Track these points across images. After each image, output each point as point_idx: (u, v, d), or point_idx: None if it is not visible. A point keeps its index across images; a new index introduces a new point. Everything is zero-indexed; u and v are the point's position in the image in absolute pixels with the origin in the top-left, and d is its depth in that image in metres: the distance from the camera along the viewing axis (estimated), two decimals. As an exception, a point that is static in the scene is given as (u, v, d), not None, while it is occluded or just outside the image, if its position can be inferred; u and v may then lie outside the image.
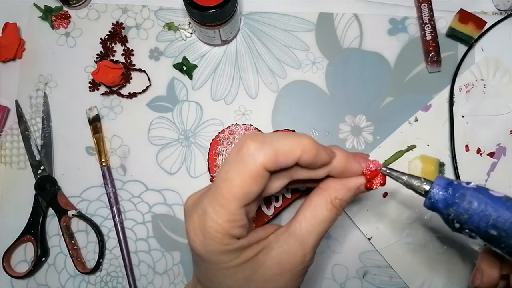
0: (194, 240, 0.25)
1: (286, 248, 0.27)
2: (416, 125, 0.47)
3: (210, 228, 0.24)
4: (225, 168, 0.25)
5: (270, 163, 0.24)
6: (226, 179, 0.24)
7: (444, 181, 0.27)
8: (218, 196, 0.24)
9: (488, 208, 0.25)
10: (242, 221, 0.25)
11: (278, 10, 0.50)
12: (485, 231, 0.25)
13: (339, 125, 0.47)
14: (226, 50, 0.49)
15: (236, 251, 0.26)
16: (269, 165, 0.24)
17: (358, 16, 0.50)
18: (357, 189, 0.29)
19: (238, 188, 0.24)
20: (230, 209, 0.24)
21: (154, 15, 0.50)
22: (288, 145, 0.24)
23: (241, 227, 0.25)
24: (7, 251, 0.45)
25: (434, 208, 0.27)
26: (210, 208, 0.24)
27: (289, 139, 0.24)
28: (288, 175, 0.27)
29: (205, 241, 0.25)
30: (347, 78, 0.48)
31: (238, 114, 0.48)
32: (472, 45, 0.48)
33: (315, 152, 0.25)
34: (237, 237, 0.25)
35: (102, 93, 0.49)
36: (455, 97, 0.47)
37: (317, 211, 0.28)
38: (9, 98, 0.49)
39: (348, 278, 0.44)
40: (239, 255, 0.26)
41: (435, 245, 0.44)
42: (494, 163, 0.46)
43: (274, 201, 0.41)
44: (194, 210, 0.26)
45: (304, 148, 0.24)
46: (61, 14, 0.50)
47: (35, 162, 0.47)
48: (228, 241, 0.25)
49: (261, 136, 0.24)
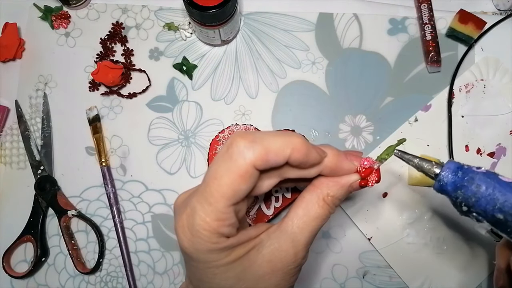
0: (183, 239, 0.25)
1: (278, 246, 0.27)
2: (416, 125, 0.47)
3: (198, 226, 0.24)
4: (214, 166, 0.24)
5: (259, 161, 0.23)
6: (215, 177, 0.24)
7: (455, 164, 0.27)
8: (206, 195, 0.24)
9: (496, 192, 0.25)
10: (231, 220, 0.25)
11: (278, 10, 0.50)
12: (491, 215, 0.26)
13: (339, 125, 0.47)
14: (226, 50, 0.49)
15: (225, 250, 0.25)
16: (258, 163, 0.23)
17: (358, 16, 0.50)
18: (350, 186, 0.29)
19: (227, 186, 0.23)
20: (219, 207, 0.24)
21: (154, 15, 0.50)
22: (278, 144, 0.24)
23: (230, 226, 0.25)
24: (7, 251, 0.45)
25: (443, 190, 0.27)
26: (198, 206, 0.24)
27: (280, 138, 0.24)
28: (279, 174, 0.27)
29: (194, 240, 0.25)
30: (347, 78, 0.48)
31: (238, 114, 0.48)
32: (471, 45, 0.48)
33: (305, 151, 0.25)
34: (226, 236, 0.25)
35: (102, 93, 0.49)
36: (455, 97, 0.47)
37: (309, 208, 0.28)
38: (9, 98, 0.49)
39: (348, 278, 0.44)
40: (228, 254, 0.26)
41: (435, 245, 0.44)
42: (494, 163, 0.46)
43: (274, 201, 0.41)
44: (183, 208, 0.26)
45: (294, 147, 0.24)
46: (61, 14, 0.50)
47: (35, 162, 0.47)
48: (216, 239, 0.24)
49: (252, 134, 0.24)
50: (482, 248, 0.44)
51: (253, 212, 0.40)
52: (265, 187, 0.27)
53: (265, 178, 0.27)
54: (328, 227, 0.45)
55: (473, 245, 0.44)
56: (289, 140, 0.24)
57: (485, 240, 0.44)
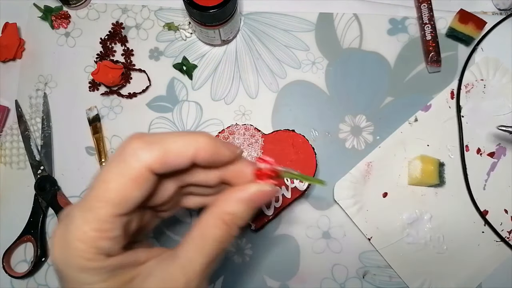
0: (54, 251, 0.21)
1: (167, 275, 0.22)
2: (416, 125, 0.46)
3: (72, 235, 0.20)
4: (103, 170, 0.21)
5: (157, 164, 0.21)
6: (103, 181, 0.21)
7: None
8: (90, 199, 0.21)
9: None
10: (113, 232, 0.21)
11: (278, 10, 0.50)
12: None
13: (339, 125, 0.47)
14: (226, 50, 0.49)
15: (102, 272, 0.21)
16: (156, 166, 0.21)
17: (358, 16, 0.50)
18: (250, 201, 0.24)
19: (115, 191, 0.21)
20: (101, 214, 0.20)
21: (154, 15, 0.50)
22: (179, 144, 0.22)
23: (111, 240, 0.21)
24: (7, 251, 0.45)
25: None
26: (78, 213, 0.21)
27: (181, 138, 0.22)
28: (181, 179, 0.24)
29: (66, 253, 0.21)
30: (347, 78, 0.48)
31: (238, 114, 0.48)
32: (475, 47, 0.48)
33: (213, 150, 0.23)
34: (105, 253, 0.21)
35: (102, 93, 0.49)
36: (455, 98, 0.47)
37: (205, 229, 0.23)
38: (9, 98, 0.49)
39: (348, 278, 0.44)
40: (106, 279, 0.21)
41: (435, 245, 0.44)
42: (494, 163, 0.46)
43: (274, 201, 0.41)
44: (64, 218, 0.22)
45: (199, 146, 0.22)
46: (61, 14, 0.50)
47: (35, 162, 0.47)
48: (92, 255, 0.20)
49: (149, 135, 0.22)
50: (482, 248, 0.44)
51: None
52: (166, 195, 0.24)
53: (167, 183, 0.24)
54: (328, 227, 0.45)
55: (473, 245, 0.44)
56: (192, 139, 0.22)
57: (485, 240, 0.45)
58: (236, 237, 0.24)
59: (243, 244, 0.45)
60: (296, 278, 0.44)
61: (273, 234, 0.45)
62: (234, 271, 0.44)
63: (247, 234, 0.45)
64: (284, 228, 0.45)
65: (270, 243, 0.45)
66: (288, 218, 0.45)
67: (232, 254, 0.44)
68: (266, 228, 0.45)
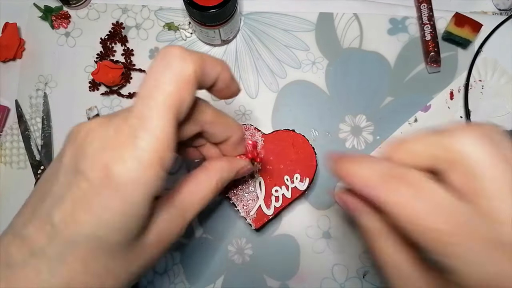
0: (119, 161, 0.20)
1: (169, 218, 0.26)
2: (416, 125, 0.47)
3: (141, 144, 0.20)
4: (151, 77, 0.21)
5: (199, 69, 0.22)
6: (156, 86, 0.21)
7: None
8: (149, 106, 0.20)
9: None
10: (173, 144, 0.21)
11: (278, 10, 0.50)
12: None
13: (339, 125, 0.47)
14: (226, 50, 0.49)
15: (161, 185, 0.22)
16: (198, 70, 0.22)
17: (358, 16, 0.50)
18: (237, 172, 0.31)
19: (173, 95, 0.21)
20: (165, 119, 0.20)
21: (154, 15, 0.50)
22: (211, 58, 0.24)
23: (171, 156, 0.21)
24: (7, 251, 0.45)
25: None
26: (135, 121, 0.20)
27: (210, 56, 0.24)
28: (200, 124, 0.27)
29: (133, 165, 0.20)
30: (347, 78, 0.48)
31: (238, 114, 0.48)
32: (478, 51, 0.47)
33: (231, 75, 0.26)
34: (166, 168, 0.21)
35: (102, 93, 0.49)
36: (454, 98, 0.47)
37: (202, 187, 0.28)
38: (9, 98, 0.49)
39: (348, 278, 0.44)
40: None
41: (434, 245, 0.44)
42: (493, 163, 0.46)
43: (274, 201, 0.41)
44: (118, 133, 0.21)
45: (224, 65, 0.25)
46: (61, 14, 0.50)
47: (35, 162, 0.47)
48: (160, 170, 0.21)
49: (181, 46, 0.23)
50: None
51: (253, 212, 0.40)
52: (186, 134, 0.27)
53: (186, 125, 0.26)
54: (328, 227, 0.45)
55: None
56: (218, 60, 0.24)
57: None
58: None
59: (243, 244, 0.45)
60: (296, 278, 0.44)
61: (273, 234, 0.45)
62: (234, 271, 0.44)
63: (247, 234, 0.45)
64: (284, 228, 0.45)
65: (270, 243, 0.45)
66: (288, 218, 0.45)
67: (232, 254, 0.44)
68: (266, 228, 0.45)
